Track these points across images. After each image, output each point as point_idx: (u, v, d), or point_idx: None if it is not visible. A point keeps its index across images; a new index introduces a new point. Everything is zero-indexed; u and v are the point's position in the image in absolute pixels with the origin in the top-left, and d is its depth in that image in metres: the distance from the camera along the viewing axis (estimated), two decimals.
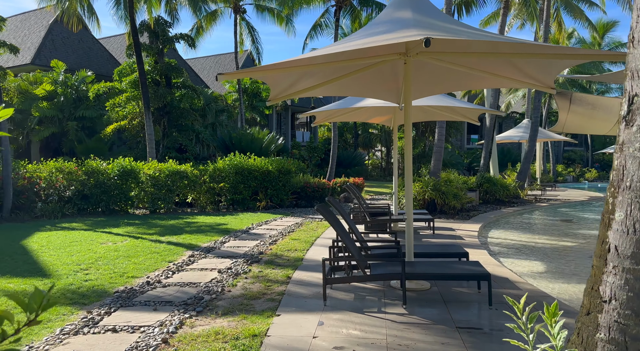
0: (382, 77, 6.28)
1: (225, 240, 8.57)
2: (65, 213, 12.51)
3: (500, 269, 6.15)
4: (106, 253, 7.32)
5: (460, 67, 5.30)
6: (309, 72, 5.88)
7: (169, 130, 20.08)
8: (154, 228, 10.08)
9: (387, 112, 10.46)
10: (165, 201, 13.56)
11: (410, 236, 5.17)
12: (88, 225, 10.70)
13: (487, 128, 15.67)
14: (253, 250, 7.61)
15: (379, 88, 6.65)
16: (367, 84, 6.51)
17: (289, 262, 6.77)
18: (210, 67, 39.18)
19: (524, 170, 17.32)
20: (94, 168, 13.01)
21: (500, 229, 10.67)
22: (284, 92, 6.20)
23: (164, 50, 19.81)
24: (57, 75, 21.11)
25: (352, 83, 6.50)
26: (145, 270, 6.27)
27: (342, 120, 10.71)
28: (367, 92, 6.76)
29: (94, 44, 26.97)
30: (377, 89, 6.70)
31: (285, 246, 7.94)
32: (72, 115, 20.99)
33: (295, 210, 13.87)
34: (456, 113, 9.60)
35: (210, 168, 14.16)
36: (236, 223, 11.00)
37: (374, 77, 6.29)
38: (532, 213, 13.74)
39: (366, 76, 6.29)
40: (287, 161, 14.98)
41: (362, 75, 6.19)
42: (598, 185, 30.41)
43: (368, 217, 8.95)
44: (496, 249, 8.17)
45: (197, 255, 7.25)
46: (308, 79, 6.12)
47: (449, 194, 11.38)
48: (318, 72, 5.99)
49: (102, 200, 12.95)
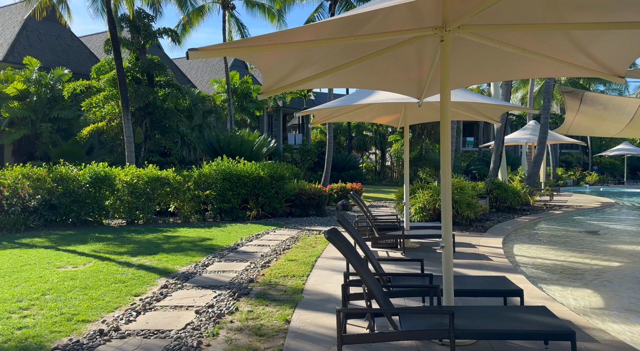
0: (402, 63, 5.00)
1: (208, 262, 7.21)
2: (29, 226, 11.07)
3: (554, 305, 4.89)
4: (60, 283, 5.93)
5: (511, 48, 4.03)
6: (312, 57, 4.58)
7: (152, 132, 18.63)
8: (126, 245, 8.69)
9: (394, 111, 9.19)
10: (144, 211, 12.15)
11: (450, 272, 3.88)
12: (52, 241, 9.28)
13: (497, 130, 14.48)
14: (241, 277, 6.26)
15: (397, 78, 5.36)
16: (383, 73, 5.22)
17: (287, 294, 5.44)
18: (198, 66, 37.72)
19: (533, 174, 16.15)
20: (63, 174, 11.58)
21: (524, 244, 9.43)
22: (280, 82, 4.89)
23: (145, 46, 18.37)
24: (30, 73, 19.57)
25: (364, 72, 5.21)
26: (103, 310, 4.90)
27: (343, 120, 9.44)
28: (381, 83, 5.46)
29: (73, 41, 25.42)
30: (395, 80, 5.41)
31: (280, 270, 6.60)
32: (46, 116, 19.45)
33: (289, 220, 12.54)
34: (475, 111, 8.34)
35: (195, 173, 12.78)
36: (223, 237, 9.64)
37: (392, 63, 5.00)
38: (549, 223, 12.54)
39: (382, 62, 5.00)
40: (280, 166, 13.65)
41: (377, 61, 4.90)
42: (600, 189, 29.48)
43: (377, 232, 7.66)
44: (532, 272, 6.91)
45: (172, 284, 5.88)
46: (310, 66, 4.81)
47: (462, 203, 10.13)
48: (323, 56, 4.69)
49: (72, 210, 11.51)
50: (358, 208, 16.16)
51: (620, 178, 35.81)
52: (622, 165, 39.16)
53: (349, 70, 4.95)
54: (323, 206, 13.80)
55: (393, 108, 9.02)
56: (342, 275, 6.23)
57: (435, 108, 8.63)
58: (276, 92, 5.05)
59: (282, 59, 4.27)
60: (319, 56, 4.67)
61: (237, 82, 28.71)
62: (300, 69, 4.83)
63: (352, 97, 8.09)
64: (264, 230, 10.73)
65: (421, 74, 5.17)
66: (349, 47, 4.54)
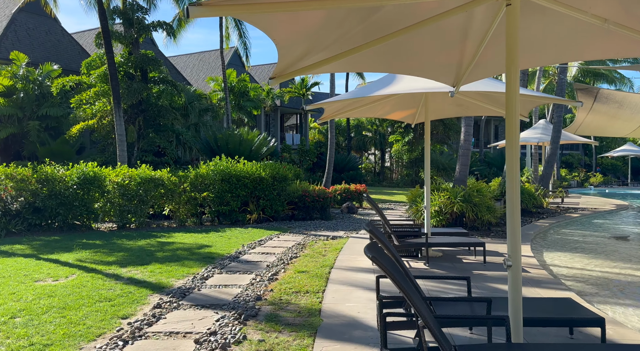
0: (440, 41, 4.18)
1: (207, 274, 6.36)
2: (11, 231, 10.18)
3: (626, 332, 4.09)
4: (34, 302, 5.07)
5: (590, 17, 3.22)
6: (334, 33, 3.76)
7: (145, 130, 17.73)
8: (115, 254, 7.82)
9: (411, 105, 8.37)
10: (136, 214, 11.28)
11: (518, 300, 3.06)
12: (34, 248, 8.40)
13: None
14: (247, 293, 5.42)
15: (431, 61, 4.55)
16: (415, 54, 4.40)
17: (302, 316, 4.61)
18: (193, 65, 36.83)
19: (546, 175, 15.40)
20: (49, 175, 10.69)
21: (555, 251, 8.64)
22: (295, 63, 4.07)
23: (139, 40, 17.48)
24: (17, 68, 18.62)
25: (392, 53, 4.40)
26: (82, 338, 4.05)
27: (354, 115, 8.63)
28: (411, 66, 4.64)
29: (63, 37, 24.48)
30: (428, 63, 4.60)
31: (290, 284, 5.77)
32: (34, 114, 18.50)
33: (292, 224, 11.70)
34: (503, 107, 7.54)
35: (192, 174, 11.92)
36: (222, 244, 8.79)
37: (427, 42, 4.19)
38: (571, 228, 11.77)
39: (415, 41, 4.19)
40: (282, 166, 12.81)
41: (410, 39, 4.09)
42: (606, 190, 28.83)
43: (396, 239, 6.84)
44: (576, 286, 6.11)
45: (167, 303, 5.04)
46: (331, 44, 4.00)
47: (481, 206, 9.34)
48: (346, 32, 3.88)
49: (58, 213, 10.62)
50: (364, 211, 15.35)
51: (624, 179, 35.23)
52: (624, 166, 38.60)
53: (375, 50, 4.14)
54: (328, 209, 12.98)
55: (410, 102, 8.21)
56: (363, 291, 5.41)
57: (454, 102, 7.83)
58: (289, 76, 4.22)
59: (300, 32, 3.44)
60: (342, 32, 3.85)
61: (234, 80, 27.85)
62: (319, 47, 4.01)
63: (366, 89, 7.28)
64: (266, 235, 9.90)
65: (462, 55, 4.36)
66: (378, 21, 3.73)
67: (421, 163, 31.89)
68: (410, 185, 32.37)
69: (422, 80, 6.58)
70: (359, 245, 8.63)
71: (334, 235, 9.91)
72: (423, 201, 10.04)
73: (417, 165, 32.01)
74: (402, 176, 33.81)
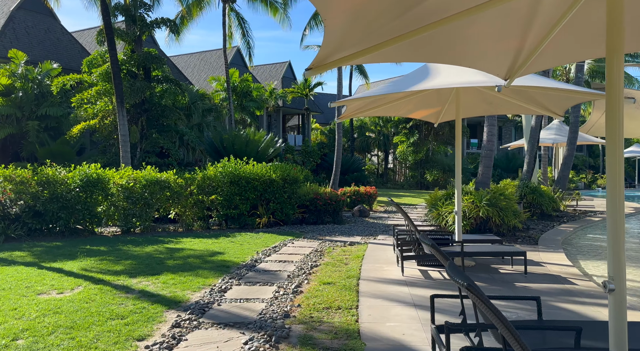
0: (501, 27, 3.70)
1: (225, 285, 5.86)
2: (10, 236, 9.66)
3: None
4: (39, 320, 4.56)
5: None
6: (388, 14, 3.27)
7: (148, 131, 17.20)
8: (123, 262, 7.32)
9: (436, 103, 7.89)
10: (141, 218, 10.77)
11: (623, 333, 2.57)
12: (35, 255, 7.89)
13: (533, 128, 13.24)
14: (272, 309, 4.92)
15: (486, 49, 4.06)
16: (469, 42, 3.90)
17: (339, 337, 4.12)
18: (194, 64, 36.31)
19: (563, 177, 14.94)
20: (50, 177, 10.18)
21: (591, 259, 8.14)
22: (338, 51, 3.60)
23: (142, 38, 16.97)
24: (15, 67, 18.07)
25: (442, 41, 3.92)
26: None
27: (376, 114, 8.14)
28: (462, 56, 4.13)
29: (63, 35, 23.94)
30: (483, 52, 4.11)
31: (318, 298, 5.27)
32: (33, 114, 17.95)
33: (304, 229, 11.21)
34: (535, 102, 7.06)
35: (199, 176, 11.42)
36: (235, 250, 8.29)
37: (486, 27, 3.71)
38: (595, 232, 11.29)
39: (472, 27, 3.72)
40: (292, 167, 12.31)
41: (467, 24, 3.63)
42: None
43: (427, 247, 6.33)
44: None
45: (186, 321, 4.53)
46: (381, 27, 3.53)
47: (508, 211, 8.85)
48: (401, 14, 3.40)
49: (60, 218, 10.10)
50: (375, 214, 14.86)
51: (631, 181, 34.84)
52: (629, 167, 38.24)
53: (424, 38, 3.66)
54: (340, 212, 12.48)
55: (436, 100, 7.72)
56: (401, 308, 4.91)
57: (489, 98, 7.35)
58: (327, 67, 3.71)
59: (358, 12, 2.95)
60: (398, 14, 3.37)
61: (236, 80, 27.34)
62: (372, 33, 3.53)
63: (392, 86, 6.79)
64: (279, 240, 9.40)
65: (524, 43, 3.86)
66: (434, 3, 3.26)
67: (427, 164, 31.40)
68: (416, 187, 31.89)
69: (454, 75, 6.12)
70: (381, 252, 8.13)
71: (351, 240, 9.42)
72: (445, 205, 9.57)
73: (422, 167, 31.54)
74: (407, 178, 33.32)
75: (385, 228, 11.29)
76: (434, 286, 5.74)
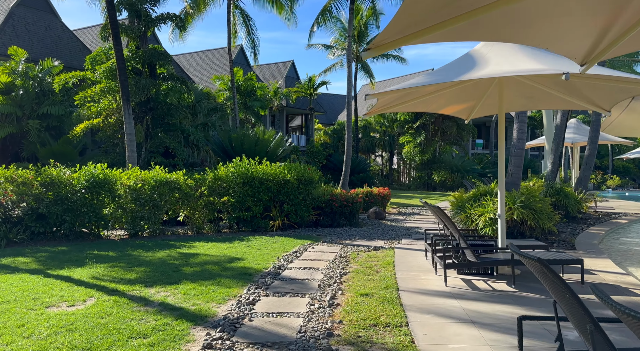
0: (590, 2, 3.19)
1: (252, 297, 5.31)
2: (12, 240, 9.13)
3: None
4: (50, 339, 4.02)
5: None
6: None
7: (154, 130, 16.65)
8: (135, 268, 6.77)
9: (470, 97, 7.38)
10: (150, 221, 10.24)
11: None
12: (40, 261, 7.34)
13: (558, 126, 12.72)
14: (311, 326, 4.38)
15: (567, 27, 3.55)
16: (546, 18, 3.41)
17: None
18: (197, 63, 35.76)
19: (584, 178, 14.44)
20: (54, 178, 9.63)
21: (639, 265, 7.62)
22: (407, 28, 3.12)
23: (147, 34, 16.42)
24: (15, 64, 17.50)
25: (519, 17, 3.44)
26: None
27: (406, 109, 7.62)
28: (536, 34, 3.64)
29: (63, 33, 23.37)
30: (562, 30, 3.61)
31: (360, 312, 4.74)
32: (34, 113, 17.39)
33: (320, 232, 10.68)
34: (582, 97, 6.55)
35: (210, 177, 10.88)
36: (254, 256, 7.76)
37: (573, 3, 3.22)
38: (630, 235, 10.79)
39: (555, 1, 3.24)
40: (306, 168, 11.78)
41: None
42: (626, 193, 27.92)
43: (472, 255, 5.81)
44: None
45: (217, 341, 3.99)
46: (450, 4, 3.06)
47: (542, 213, 8.34)
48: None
49: (64, 220, 9.57)
50: (390, 216, 14.33)
51: (639, 181, 34.41)
52: (636, 168, 37.82)
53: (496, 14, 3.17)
54: (357, 215, 11.94)
55: (471, 94, 7.21)
56: (458, 325, 4.37)
57: (529, 92, 6.84)
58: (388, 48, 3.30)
59: None
60: None
61: (240, 78, 26.81)
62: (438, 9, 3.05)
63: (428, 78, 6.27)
64: (298, 245, 8.87)
65: (614, 20, 3.35)
66: None
67: (434, 165, 30.87)
68: (422, 187, 31.36)
69: (504, 64, 5.60)
70: (411, 257, 7.61)
71: (374, 245, 8.89)
72: (473, 207, 9.04)
73: (429, 167, 31.03)
74: (414, 178, 32.79)
75: (406, 232, 10.76)
76: (485, 299, 5.21)
